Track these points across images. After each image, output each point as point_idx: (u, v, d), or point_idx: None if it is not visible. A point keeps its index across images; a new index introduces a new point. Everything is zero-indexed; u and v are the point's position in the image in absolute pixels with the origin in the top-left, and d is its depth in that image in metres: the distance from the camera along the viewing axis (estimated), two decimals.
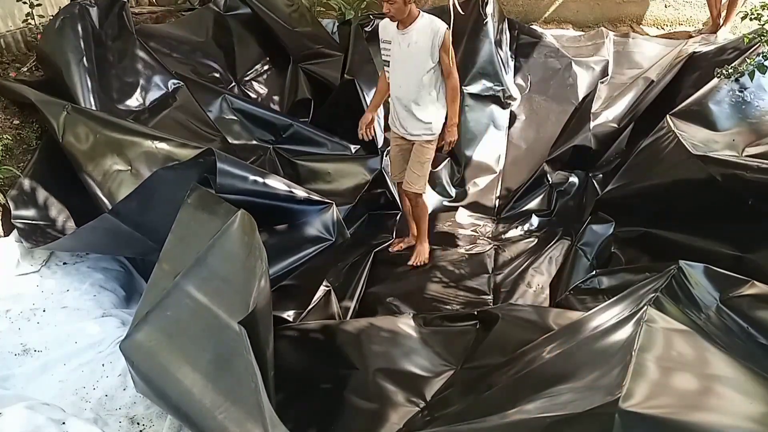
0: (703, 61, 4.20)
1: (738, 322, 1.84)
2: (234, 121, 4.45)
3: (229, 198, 2.32)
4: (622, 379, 1.43)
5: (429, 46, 3.43)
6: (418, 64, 3.49)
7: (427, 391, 2.38)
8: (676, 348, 1.64)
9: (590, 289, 3.33)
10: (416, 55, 3.46)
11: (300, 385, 2.41)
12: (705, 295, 1.98)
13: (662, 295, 1.94)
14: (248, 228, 2.10)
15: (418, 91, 3.56)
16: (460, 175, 4.86)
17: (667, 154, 3.27)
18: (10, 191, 3.13)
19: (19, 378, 2.33)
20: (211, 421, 1.56)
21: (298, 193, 2.72)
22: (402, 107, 3.67)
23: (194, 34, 4.77)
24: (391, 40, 3.56)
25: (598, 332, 1.85)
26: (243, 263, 1.98)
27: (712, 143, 3.26)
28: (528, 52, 5.38)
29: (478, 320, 2.82)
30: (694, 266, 2.09)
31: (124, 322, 2.67)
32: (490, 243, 4.30)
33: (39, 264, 2.89)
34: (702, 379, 1.53)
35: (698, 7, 5.87)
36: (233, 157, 2.63)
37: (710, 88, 3.53)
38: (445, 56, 3.49)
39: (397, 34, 3.51)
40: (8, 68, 3.85)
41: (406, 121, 3.69)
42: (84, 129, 3.16)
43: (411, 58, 3.49)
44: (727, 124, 3.40)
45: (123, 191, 2.91)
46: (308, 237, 2.69)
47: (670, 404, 1.40)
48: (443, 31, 3.43)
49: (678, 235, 3.16)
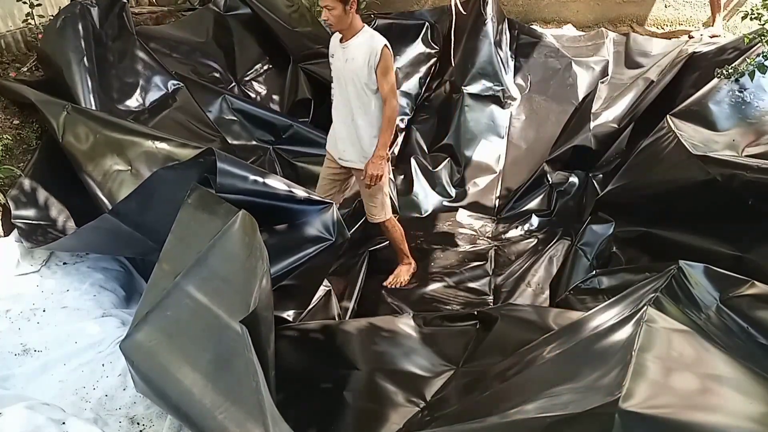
0: (703, 61, 4.21)
1: (738, 322, 1.84)
2: (234, 121, 4.45)
3: (229, 198, 2.32)
4: (622, 379, 1.43)
5: (365, 65, 3.12)
6: (355, 82, 3.18)
7: (427, 391, 2.37)
8: (676, 348, 1.64)
9: (590, 289, 3.33)
10: (352, 73, 3.17)
11: (300, 385, 2.41)
12: (705, 295, 1.98)
13: (662, 295, 1.94)
14: (249, 228, 2.10)
15: (353, 112, 3.26)
16: (460, 175, 4.87)
17: (667, 154, 3.27)
18: (10, 191, 3.13)
19: (19, 378, 2.33)
20: (211, 421, 1.56)
21: (298, 192, 2.72)
22: (344, 129, 3.36)
23: (194, 34, 4.77)
24: (333, 53, 3.28)
25: (599, 332, 1.85)
26: (243, 263, 1.98)
27: (712, 143, 3.26)
28: (528, 52, 5.39)
29: (478, 320, 2.82)
30: (694, 266, 2.09)
31: (124, 322, 2.67)
32: (490, 243, 4.30)
33: (39, 264, 2.89)
34: (702, 379, 1.53)
35: (698, 7, 5.87)
36: (233, 157, 2.63)
37: (710, 88, 3.54)
38: (382, 79, 3.14)
39: (339, 48, 3.22)
40: (8, 68, 3.86)
41: (346, 145, 3.38)
42: (84, 129, 3.17)
43: (348, 75, 3.20)
44: (727, 124, 3.40)
45: (123, 191, 2.91)
46: (308, 237, 2.68)
47: (670, 404, 1.40)
48: (380, 51, 3.09)
49: (678, 235, 3.16)
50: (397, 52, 5.34)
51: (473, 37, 5.13)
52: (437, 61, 5.43)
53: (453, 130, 4.98)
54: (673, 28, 5.93)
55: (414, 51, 5.42)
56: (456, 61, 5.19)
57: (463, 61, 5.14)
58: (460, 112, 5.00)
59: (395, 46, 5.33)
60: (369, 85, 3.18)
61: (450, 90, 5.14)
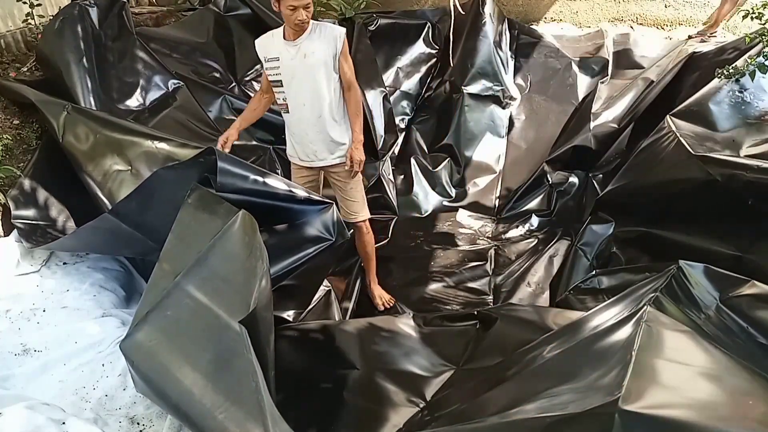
0: (703, 61, 4.20)
1: (738, 321, 1.84)
2: (234, 121, 4.45)
3: (229, 197, 2.32)
4: (621, 379, 1.43)
5: (330, 54, 3.05)
6: (321, 76, 3.07)
7: (427, 391, 2.38)
8: (676, 348, 1.63)
9: (590, 289, 3.34)
10: (316, 66, 3.05)
11: (300, 385, 2.41)
12: (705, 295, 1.98)
13: (662, 294, 1.94)
14: (249, 228, 2.10)
15: (326, 107, 3.13)
16: (460, 175, 4.88)
17: (668, 154, 3.27)
18: (10, 191, 3.13)
19: (19, 378, 2.33)
20: (211, 421, 1.56)
21: (299, 192, 2.71)
22: (311, 129, 3.20)
23: (195, 35, 4.78)
24: (278, 56, 3.10)
25: (598, 332, 1.85)
26: (244, 263, 1.98)
27: (712, 143, 3.26)
28: (528, 52, 5.40)
29: (478, 320, 2.83)
30: (694, 266, 2.09)
31: (124, 322, 2.67)
32: (490, 243, 4.30)
33: (39, 264, 2.89)
34: (701, 379, 1.53)
35: (698, 7, 5.87)
36: (234, 156, 2.62)
37: (710, 88, 3.53)
38: (345, 63, 3.10)
39: (287, 47, 3.07)
40: (8, 68, 3.86)
41: (317, 144, 3.23)
42: (84, 129, 3.17)
43: (307, 71, 3.07)
44: (727, 124, 3.40)
45: (123, 191, 2.91)
46: (308, 237, 2.68)
47: (669, 404, 1.40)
48: (343, 35, 3.05)
49: (678, 235, 3.16)
50: (398, 52, 5.36)
51: (472, 37, 5.13)
52: (438, 61, 5.44)
53: (453, 130, 4.99)
54: (673, 28, 5.93)
55: (415, 51, 5.42)
56: (455, 61, 5.19)
57: (462, 61, 5.14)
58: (460, 112, 5.00)
59: (396, 45, 5.37)
60: (335, 74, 3.11)
61: (450, 90, 5.14)
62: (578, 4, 6.05)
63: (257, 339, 1.71)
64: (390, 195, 4.64)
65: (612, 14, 6.04)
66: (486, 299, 3.72)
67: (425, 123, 5.17)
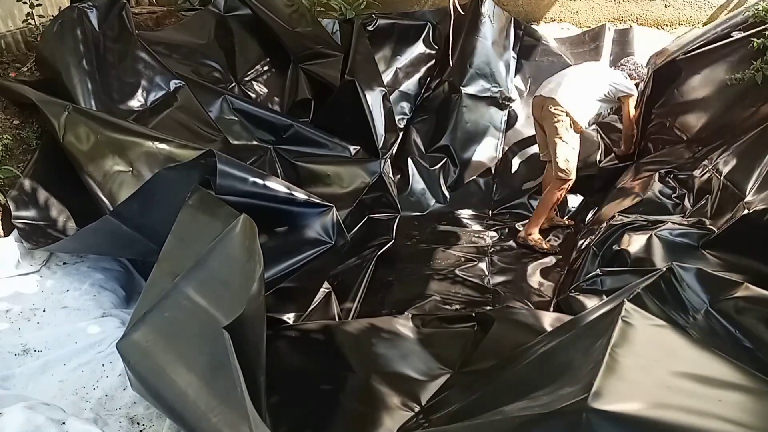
0: (703, 60, 4.18)
1: (725, 325, 1.82)
2: (234, 121, 4.45)
3: (228, 200, 2.33)
4: (593, 377, 1.40)
5: None
6: None
7: (423, 395, 2.37)
8: (651, 345, 1.61)
9: (591, 290, 3.31)
10: None
11: (296, 388, 2.42)
12: (694, 298, 1.96)
13: (645, 293, 1.92)
14: (249, 233, 2.11)
15: None
16: (458, 175, 4.88)
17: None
18: (10, 191, 3.13)
19: (19, 378, 2.34)
20: (205, 423, 1.56)
21: (298, 195, 2.72)
22: None
23: (195, 36, 4.77)
24: None
25: (580, 330, 1.83)
26: (242, 267, 1.99)
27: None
28: (527, 53, 5.39)
29: (476, 322, 2.83)
30: (687, 268, 2.08)
31: (124, 322, 2.68)
32: (489, 243, 4.31)
33: (39, 264, 2.91)
34: (676, 376, 1.50)
35: (698, 7, 5.86)
36: (234, 159, 2.63)
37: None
38: None
39: None
40: (8, 68, 3.86)
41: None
42: (85, 129, 3.16)
43: None
44: None
45: (124, 192, 2.92)
46: (307, 239, 2.69)
47: (641, 402, 1.38)
48: None
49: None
50: (397, 52, 5.37)
51: (471, 38, 5.12)
52: (437, 61, 5.44)
53: (451, 131, 4.99)
54: (673, 28, 5.92)
55: (414, 51, 5.42)
56: (454, 61, 5.19)
57: (460, 61, 5.14)
58: (458, 112, 5.00)
59: (396, 46, 5.37)
60: None
61: (448, 90, 5.13)
62: (578, 4, 6.04)
63: (245, 344, 1.71)
64: (392, 193, 4.64)
65: (612, 14, 6.03)
66: (485, 299, 3.71)
67: (423, 123, 5.16)
